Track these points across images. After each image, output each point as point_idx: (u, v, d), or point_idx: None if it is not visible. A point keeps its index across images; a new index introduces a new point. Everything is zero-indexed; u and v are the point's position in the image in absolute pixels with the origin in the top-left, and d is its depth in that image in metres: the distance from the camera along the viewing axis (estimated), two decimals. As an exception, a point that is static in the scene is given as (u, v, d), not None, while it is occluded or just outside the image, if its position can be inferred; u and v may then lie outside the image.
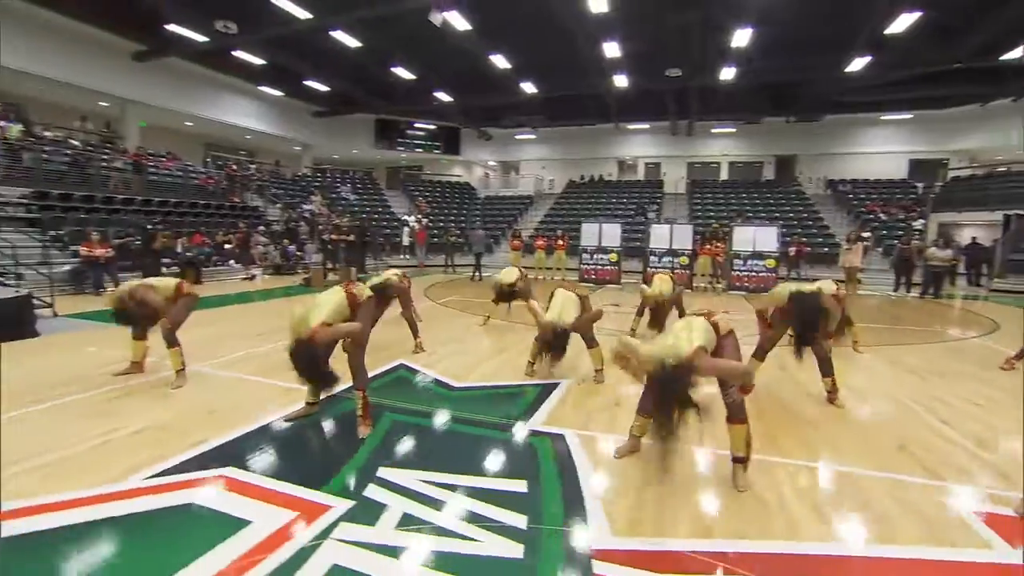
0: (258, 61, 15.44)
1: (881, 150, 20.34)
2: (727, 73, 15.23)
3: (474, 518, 2.19)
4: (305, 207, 16.50)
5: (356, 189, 22.41)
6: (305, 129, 21.78)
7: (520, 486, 2.49)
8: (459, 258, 15.99)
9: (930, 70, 14.75)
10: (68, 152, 12.31)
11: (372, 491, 2.41)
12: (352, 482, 2.50)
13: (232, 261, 12.35)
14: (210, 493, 2.38)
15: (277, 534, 2.05)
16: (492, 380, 4.30)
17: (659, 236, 12.11)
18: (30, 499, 2.28)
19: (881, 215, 16.59)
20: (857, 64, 14.42)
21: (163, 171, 14.63)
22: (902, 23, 11.89)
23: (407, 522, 2.16)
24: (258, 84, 17.69)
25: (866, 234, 14.76)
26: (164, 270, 9.63)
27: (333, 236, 12.48)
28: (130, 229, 9.40)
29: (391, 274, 5.52)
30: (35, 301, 6.46)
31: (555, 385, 4.11)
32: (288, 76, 17.26)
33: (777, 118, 20.45)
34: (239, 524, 2.11)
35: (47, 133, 13.08)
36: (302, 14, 12.16)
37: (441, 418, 3.44)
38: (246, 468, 2.62)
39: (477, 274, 13.21)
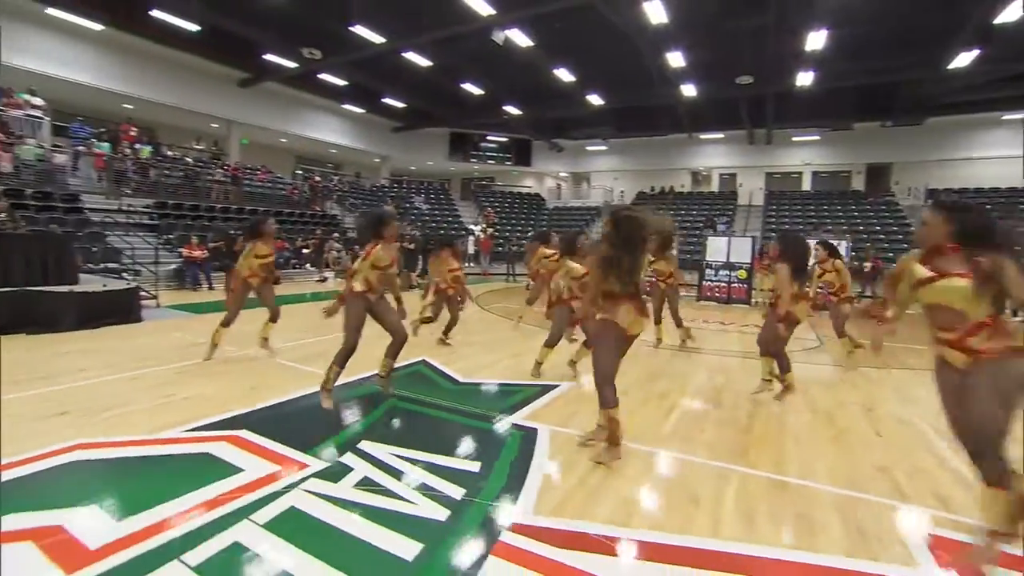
0: (340, 82, 17.06)
1: (999, 154, 18.09)
2: (804, 78, 14.46)
3: (420, 487, 2.53)
4: (377, 216, 17.79)
5: (429, 199, 23.71)
6: (384, 143, 23.50)
7: (475, 467, 2.79)
8: (520, 267, 16.46)
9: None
10: (182, 168, 14.36)
11: (347, 458, 2.83)
12: (334, 449, 2.94)
13: (308, 264, 13.70)
14: (222, 447, 2.92)
15: (259, 480, 2.52)
16: (497, 379, 4.62)
17: (716, 249, 11.76)
18: (99, 437, 2.96)
19: (992, 229, 14.76)
20: (963, 60, 13.08)
21: (256, 183, 16.53)
22: (1015, 11, 10.71)
23: (365, 483, 2.54)
24: (341, 102, 19.44)
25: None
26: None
27: (401, 245, 13.43)
28: (216, 234, 10.77)
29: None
30: (142, 293, 7.74)
31: (555, 387, 4.35)
32: (367, 94, 18.82)
33: (869, 123, 18.96)
34: (234, 471, 2.61)
35: (169, 152, 15.33)
36: (377, 39, 13.33)
37: (433, 407, 3.82)
38: (256, 431, 3.15)
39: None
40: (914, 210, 17.73)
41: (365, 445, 3.01)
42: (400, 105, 20.10)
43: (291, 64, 15.17)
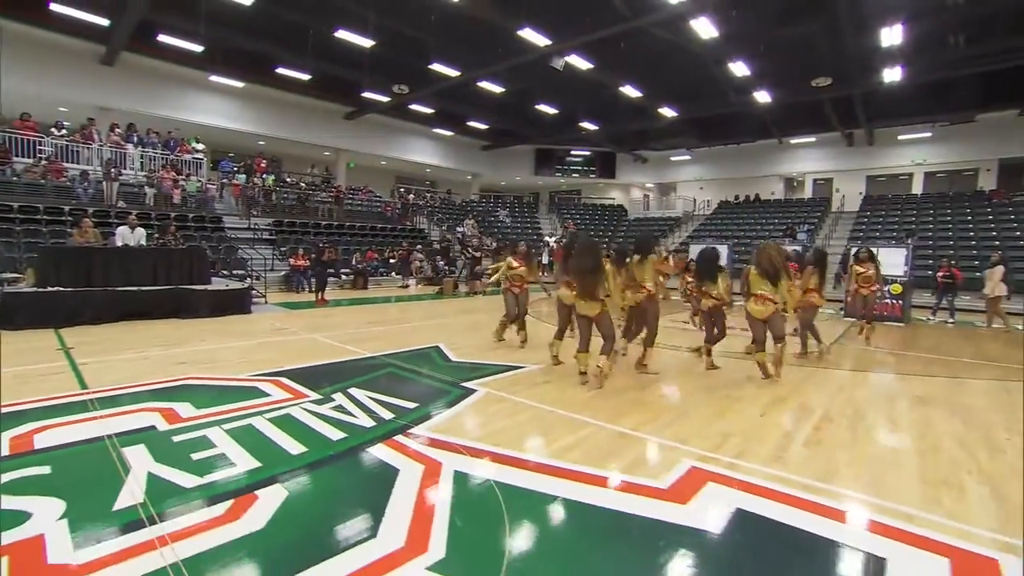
0: (429, 110, 19.51)
1: None
2: (891, 74, 13.78)
3: (367, 411, 3.95)
4: (458, 229, 19.92)
5: (512, 212, 25.52)
6: (473, 161, 25.83)
7: (412, 405, 4.15)
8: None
9: None
10: (296, 192, 17.59)
11: (337, 395, 4.34)
12: (330, 390, 4.48)
13: (393, 272, 16.03)
14: (266, 384, 4.60)
15: (275, 402, 4.12)
16: (482, 360, 5.92)
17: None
18: (202, 375, 4.81)
19: None
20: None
21: (357, 202, 19.49)
22: None
23: (336, 408, 4.02)
24: (432, 127, 22.02)
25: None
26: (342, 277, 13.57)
27: (466, 254, 15.24)
28: (309, 247, 13.32)
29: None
30: (254, 292, 10.24)
31: (520, 367, 5.54)
32: (453, 119, 21.16)
33: (1003, 113, 17.01)
34: (262, 395, 4.26)
35: (288, 179, 18.80)
36: (453, 72, 15.35)
37: (418, 374, 5.24)
38: (291, 378, 4.81)
39: None
40: (1053, 213, 15.62)
41: (353, 390, 4.51)
42: (483, 127, 22.21)
43: (385, 98, 17.86)
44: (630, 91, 16.53)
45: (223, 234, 14.05)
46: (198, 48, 13.32)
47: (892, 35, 11.69)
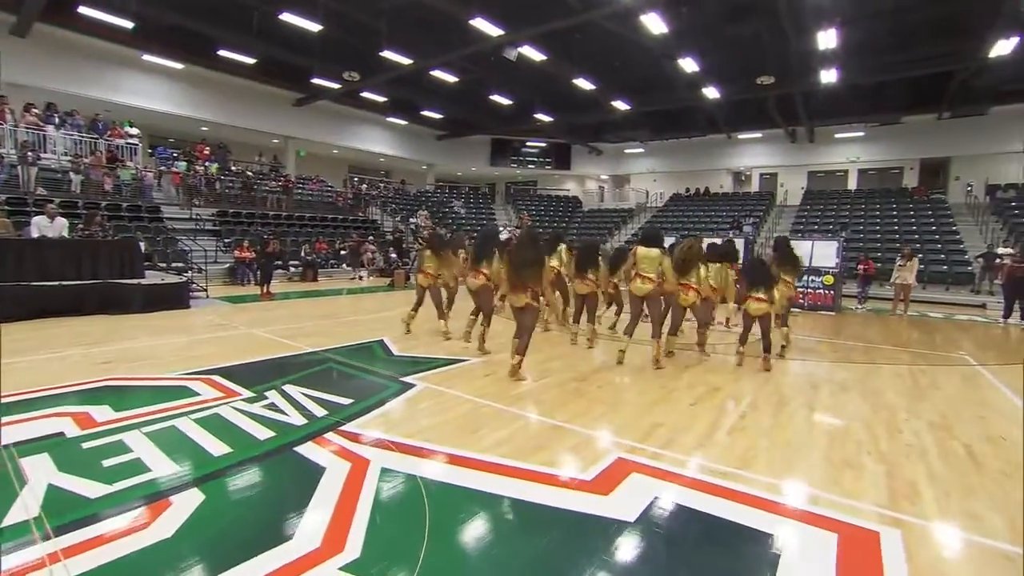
0: (381, 98, 19.05)
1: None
2: (828, 76, 14.43)
3: (299, 407, 3.87)
4: (412, 220, 19.64)
5: (467, 203, 25.36)
6: (429, 151, 25.44)
7: (346, 401, 4.08)
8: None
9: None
10: (243, 181, 16.88)
11: (270, 393, 4.22)
12: (264, 387, 4.35)
13: (344, 264, 15.66)
14: (197, 383, 4.41)
15: (203, 401, 3.96)
16: (425, 354, 5.89)
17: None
18: (125, 375, 4.57)
19: (1045, 228, 13.91)
20: (1003, 47, 12.57)
21: (308, 191, 18.88)
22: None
23: (268, 407, 3.91)
24: (385, 116, 21.53)
25: (1003, 250, 12.69)
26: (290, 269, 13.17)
27: (419, 245, 15.04)
28: (253, 238, 12.85)
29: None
30: (193, 286, 9.79)
31: (463, 361, 5.54)
32: (408, 107, 20.76)
33: (924, 116, 18.15)
34: (191, 394, 4.09)
35: (233, 167, 17.99)
36: (405, 60, 15.03)
37: (358, 368, 5.16)
38: (224, 376, 4.63)
39: None
40: (970, 208, 16.87)
41: (288, 387, 4.39)
42: (438, 116, 21.90)
43: (335, 85, 17.31)
44: (584, 83, 16.64)
45: (161, 225, 13.33)
46: (128, 24, 12.48)
47: (828, 38, 12.21)
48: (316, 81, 16.84)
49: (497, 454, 3.22)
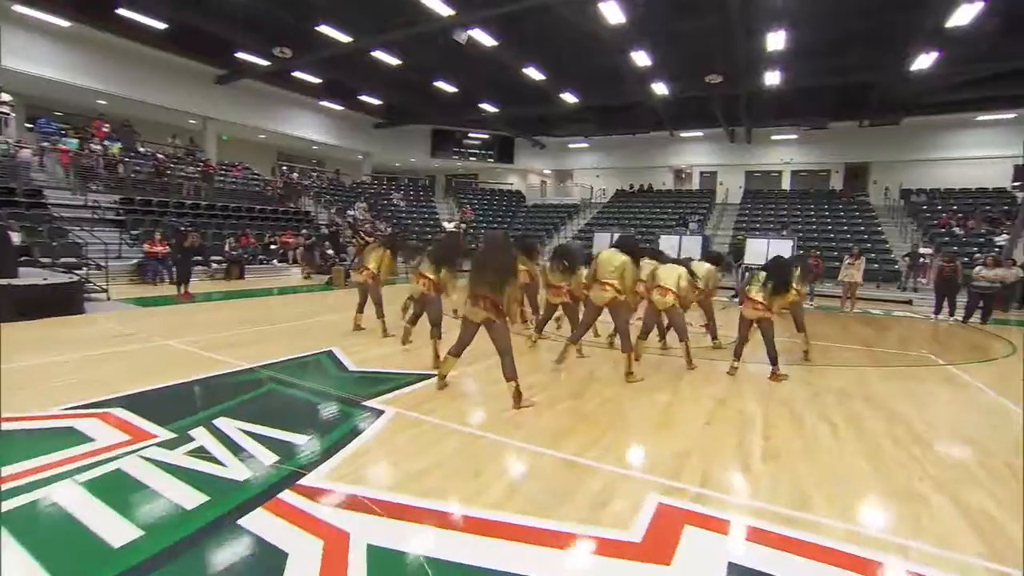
0: (315, 79, 17.47)
1: (976, 155, 18.39)
2: (772, 77, 14.78)
3: (241, 453, 2.94)
4: (349, 213, 18.24)
5: (407, 196, 24.12)
6: (366, 140, 23.91)
7: (303, 439, 3.19)
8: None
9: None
10: (153, 164, 14.80)
11: (197, 431, 3.23)
12: (188, 424, 3.35)
13: (275, 260, 14.14)
14: (90, 423, 3.33)
15: (104, 448, 2.93)
16: (384, 367, 5.03)
17: (669, 248, 12.07)
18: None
19: (956, 229, 15.07)
20: (923, 61, 13.36)
21: (231, 179, 16.98)
22: (964, 15, 10.99)
23: (195, 452, 2.95)
24: (319, 99, 19.87)
25: (925, 249, 13.57)
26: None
27: (358, 240, 13.85)
28: (167, 230, 11.19)
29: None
30: (89, 286, 8.19)
31: (432, 375, 4.73)
32: (344, 91, 19.25)
33: (848, 123, 19.22)
34: (81, 440, 3.03)
35: (141, 148, 15.78)
36: (343, 38, 13.72)
37: (308, 391, 4.23)
38: (131, 409, 3.56)
39: None
40: (889, 210, 18.05)
41: (220, 421, 3.42)
42: (377, 102, 20.52)
43: (263, 62, 15.59)
44: (533, 73, 16.05)
45: (45, 212, 11.25)
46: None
47: (776, 40, 12.38)
48: (241, 56, 15.07)
49: (513, 509, 2.51)
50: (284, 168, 21.34)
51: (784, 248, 10.68)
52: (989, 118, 17.77)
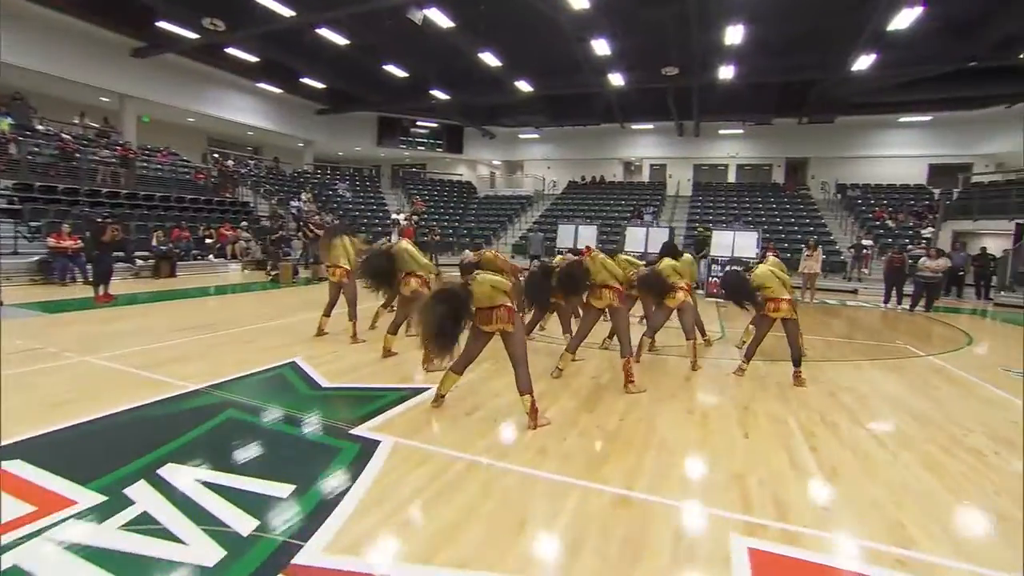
0: (252, 58, 15.84)
1: (898, 153, 19.58)
2: (726, 72, 14.86)
3: (204, 519, 2.17)
4: (293, 204, 16.80)
5: (354, 187, 22.72)
6: (308, 126, 22.21)
7: (286, 491, 2.45)
8: (444, 258, 16.06)
9: (947, 69, 14.06)
10: (57, 146, 12.81)
11: (136, 488, 2.41)
12: (123, 479, 2.50)
13: (211, 256, 12.67)
14: (-24, 484, 2.42)
15: (-5, 528, 2.07)
16: (365, 382, 4.28)
17: (635, 240, 11.86)
18: None
19: (888, 222, 15.93)
20: (863, 62, 13.82)
21: (156, 165, 15.12)
22: (904, 19, 11.37)
23: (137, 522, 2.15)
24: (256, 81, 18.13)
25: (867, 242, 14.19)
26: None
27: (306, 232, 12.68)
28: (79, 221, 9.66)
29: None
30: (-22, 289, 6.74)
31: (424, 390, 4.05)
32: (284, 72, 17.65)
33: (788, 119, 19.87)
34: (-34, 516, 2.14)
35: (40, 127, 13.65)
36: (285, 11, 12.39)
37: (275, 418, 3.44)
38: (34, 461, 2.64)
39: None
40: (828, 204, 18.86)
41: (167, 470, 2.60)
42: (320, 86, 19.03)
43: (191, 35, 13.84)
44: (490, 59, 15.29)
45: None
46: None
47: (735, 33, 12.37)
48: (164, 26, 13.27)
49: (584, 573, 1.94)
50: (216, 155, 19.36)
51: (750, 240, 10.69)
52: (909, 120, 18.91)
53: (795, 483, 2.80)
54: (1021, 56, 12.48)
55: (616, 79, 16.19)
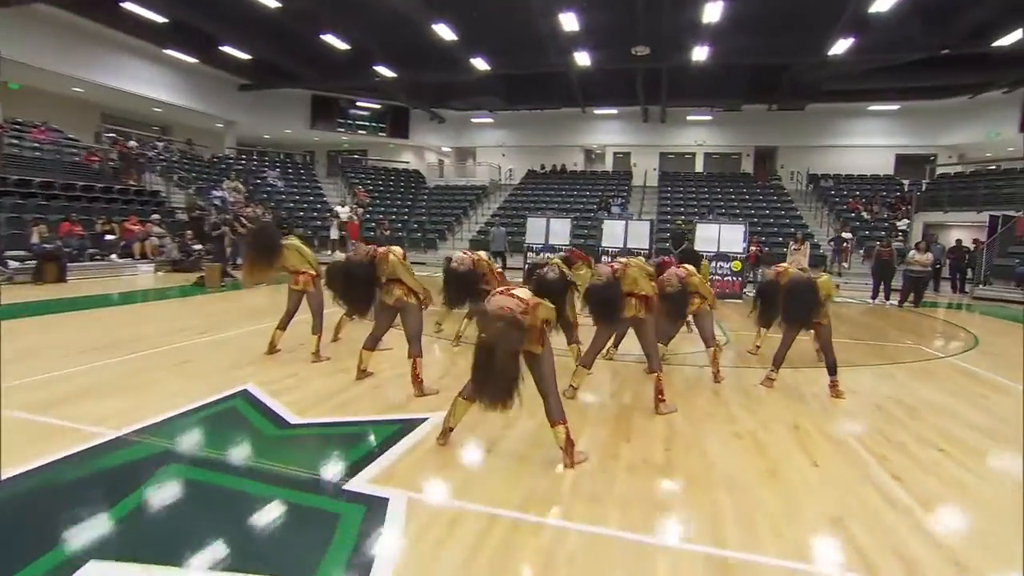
0: (158, 18, 14.37)
1: (866, 143, 20.62)
2: (700, 52, 14.99)
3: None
4: (215, 194, 15.49)
5: (286, 175, 21.41)
6: (228, 104, 20.70)
7: (273, 591, 1.88)
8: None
9: (917, 57, 14.82)
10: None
11: (45, 606, 1.77)
12: (25, 589, 1.84)
13: (114, 255, 11.35)
14: None
15: None
16: (344, 414, 3.68)
17: (612, 234, 11.66)
18: None
19: (864, 214, 16.69)
20: (840, 46, 14.31)
21: (32, 144, 13.45)
22: (886, 1, 11.82)
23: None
24: (164, 47, 16.60)
25: (847, 234, 14.75)
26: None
27: (235, 228, 11.61)
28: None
29: None
30: None
31: (421, 421, 3.52)
32: (200, 39, 16.26)
33: (758, 106, 20.44)
34: None
35: None
36: (201, -37, 11.28)
37: (236, 472, 2.81)
38: None
39: None
40: (799, 194, 19.56)
41: (95, 567, 1.95)
42: (245, 57, 17.69)
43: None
44: (444, 32, 14.69)
45: None
46: None
47: (713, 11, 12.44)
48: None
49: None
50: (113, 134, 17.55)
51: (737, 234, 10.72)
52: (877, 108, 19.97)
53: (904, 527, 2.51)
54: (993, 44, 13.27)
55: (583, 58, 16.03)
